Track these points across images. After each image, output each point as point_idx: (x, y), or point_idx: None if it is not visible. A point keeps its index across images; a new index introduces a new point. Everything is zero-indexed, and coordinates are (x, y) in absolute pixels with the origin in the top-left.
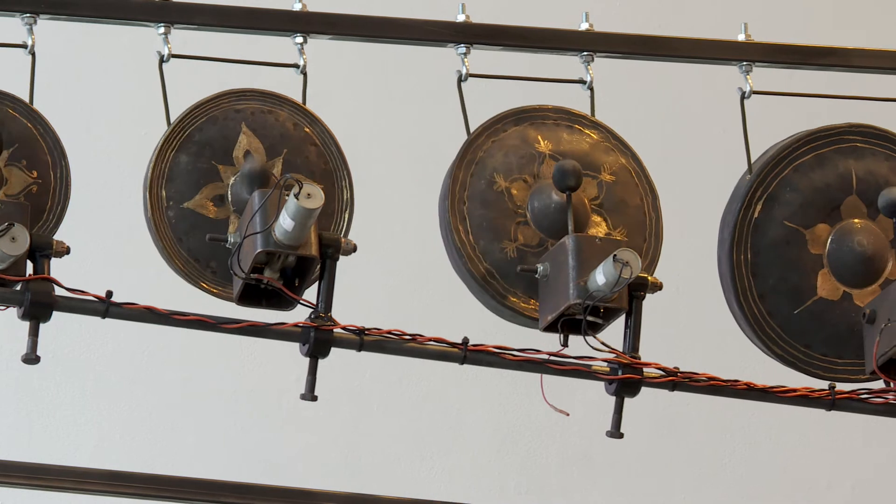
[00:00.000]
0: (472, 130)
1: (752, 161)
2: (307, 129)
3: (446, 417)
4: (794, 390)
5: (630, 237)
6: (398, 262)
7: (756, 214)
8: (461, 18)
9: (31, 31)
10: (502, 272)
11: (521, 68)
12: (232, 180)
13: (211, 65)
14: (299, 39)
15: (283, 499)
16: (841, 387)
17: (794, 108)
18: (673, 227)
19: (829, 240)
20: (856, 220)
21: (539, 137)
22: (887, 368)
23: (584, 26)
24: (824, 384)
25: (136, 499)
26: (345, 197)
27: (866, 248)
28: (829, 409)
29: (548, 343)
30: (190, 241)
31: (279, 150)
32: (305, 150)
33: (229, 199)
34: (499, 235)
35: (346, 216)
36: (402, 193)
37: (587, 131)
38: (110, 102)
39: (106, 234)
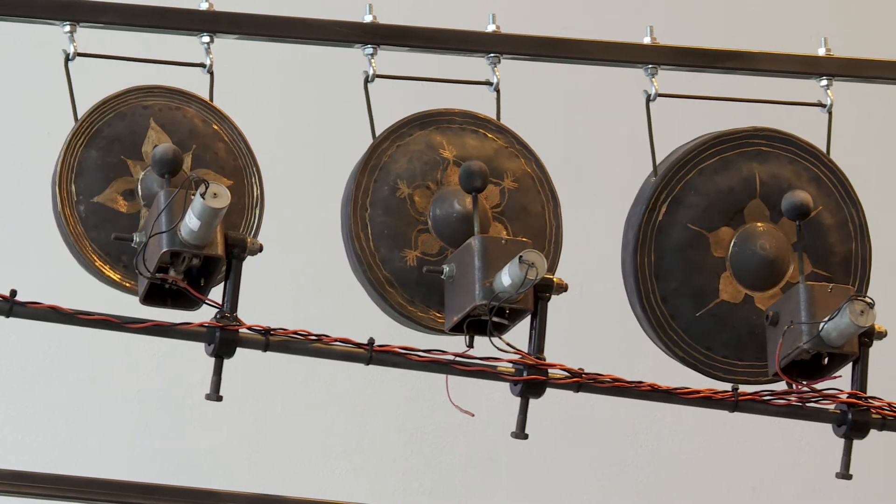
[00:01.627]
0: (377, 133)
1: (657, 164)
2: (216, 126)
3: (351, 418)
4: (698, 392)
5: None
6: (304, 263)
7: (660, 217)
8: (368, 19)
9: None
10: (402, 280)
11: (431, 70)
12: (142, 175)
13: (118, 64)
14: (206, 39)
15: (188, 499)
16: (744, 388)
17: (698, 112)
18: (578, 228)
19: (732, 243)
20: (759, 224)
21: (444, 142)
22: (790, 370)
23: (490, 28)
24: (727, 386)
25: (40, 499)
26: (255, 193)
27: (769, 251)
28: (732, 411)
29: (453, 344)
30: (100, 235)
31: (188, 146)
32: (214, 146)
33: (139, 193)
34: (399, 243)
35: (257, 212)
36: (309, 194)
37: (492, 136)
38: (13, 101)
39: (10, 233)
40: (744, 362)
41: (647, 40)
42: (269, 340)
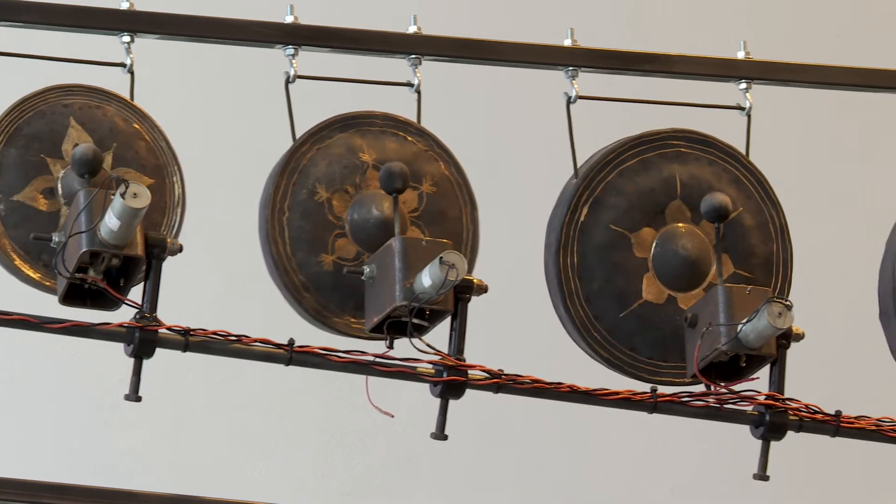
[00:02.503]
0: (298, 135)
1: (579, 165)
2: (136, 125)
3: (271, 419)
4: (617, 393)
5: None
6: (225, 263)
7: (582, 218)
8: (289, 20)
9: None
10: (317, 285)
11: (353, 71)
12: (61, 173)
13: (39, 63)
14: (126, 38)
15: (106, 500)
16: (662, 390)
17: (619, 114)
18: (499, 230)
19: (654, 244)
20: (680, 225)
21: (364, 146)
22: (708, 372)
23: (412, 29)
24: (647, 387)
25: None
26: (176, 193)
27: (690, 252)
28: (651, 412)
29: (373, 345)
30: (20, 233)
31: (108, 145)
32: (135, 144)
33: (59, 192)
34: (316, 248)
35: (178, 212)
36: (230, 194)
37: (412, 139)
38: None
39: None
40: (668, 363)
41: (567, 42)
42: (189, 341)
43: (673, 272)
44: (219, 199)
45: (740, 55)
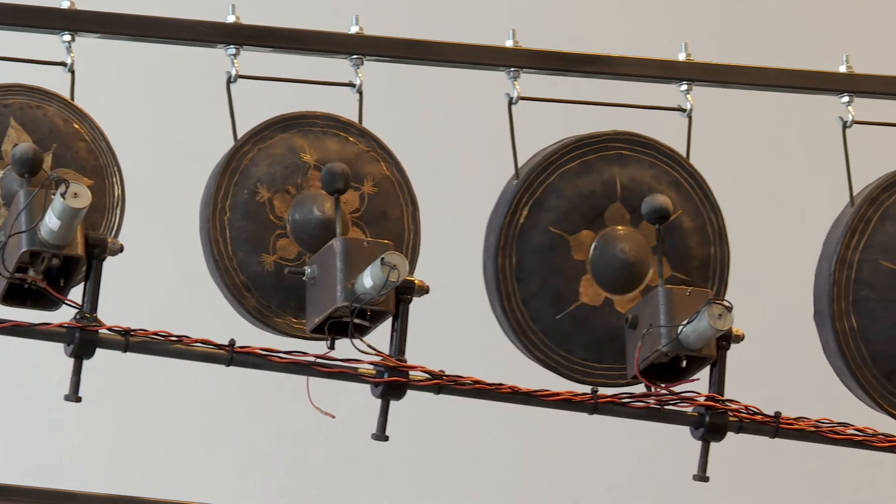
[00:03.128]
0: (239, 135)
1: (519, 167)
2: (76, 125)
3: (212, 419)
4: (558, 394)
5: None
6: (166, 263)
7: (522, 220)
8: (231, 19)
9: None
10: (258, 285)
11: (295, 71)
12: (1, 174)
13: None
14: (67, 37)
15: (45, 500)
16: (603, 391)
17: (560, 115)
18: (439, 231)
19: (593, 246)
20: (619, 227)
21: (305, 146)
22: (648, 373)
23: (354, 29)
24: (587, 388)
25: None
26: (116, 193)
27: (628, 254)
28: (592, 413)
29: (315, 345)
30: None
31: (48, 145)
32: (75, 145)
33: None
34: (257, 248)
35: (118, 213)
36: (171, 194)
37: (353, 140)
38: None
39: None
40: (603, 365)
41: (509, 43)
42: (129, 341)
43: (611, 275)
44: (159, 199)
45: (681, 57)
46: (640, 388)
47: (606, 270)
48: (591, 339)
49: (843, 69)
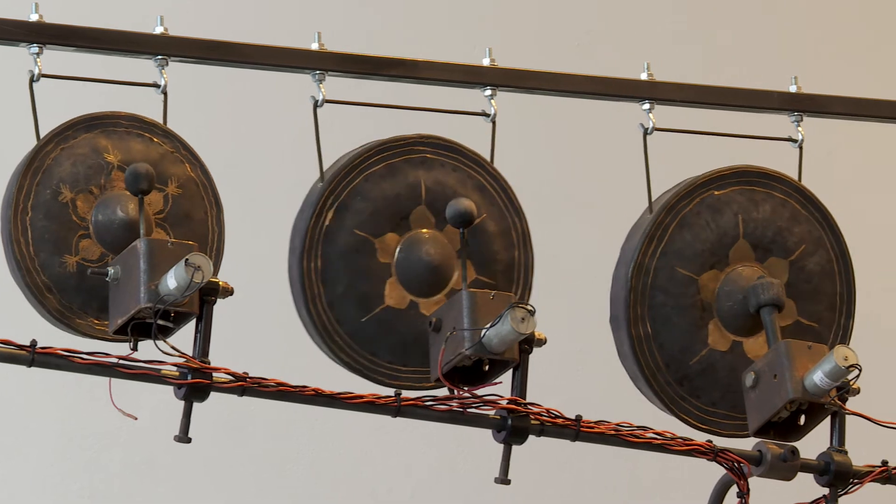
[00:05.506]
0: (42, 135)
1: (325, 169)
2: None
3: (12, 420)
4: (361, 397)
5: None
6: None
7: (327, 222)
8: (34, 18)
9: None
10: (60, 286)
11: (100, 70)
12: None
13: None
14: None
15: None
16: (406, 394)
17: (366, 118)
18: (245, 233)
19: (398, 249)
20: (424, 230)
21: (109, 146)
22: (452, 376)
23: (159, 30)
24: (391, 391)
25: None
26: None
27: (433, 257)
28: (395, 416)
29: (118, 347)
30: None
31: None
32: None
33: None
34: (59, 249)
35: None
36: None
37: (158, 140)
38: None
39: None
40: (409, 367)
41: (314, 46)
42: None
43: (416, 278)
44: None
45: (485, 62)
46: (443, 391)
47: (411, 273)
48: (397, 342)
49: (644, 76)
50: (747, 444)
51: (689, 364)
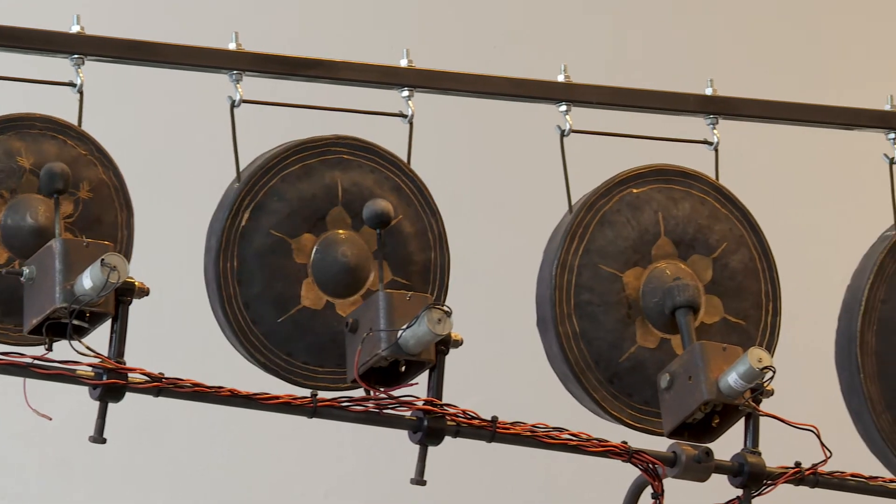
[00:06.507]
0: None
1: (241, 170)
2: None
3: None
4: (277, 397)
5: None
6: None
7: (243, 223)
8: None
9: None
10: None
11: (16, 70)
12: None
13: None
14: None
15: None
16: (323, 395)
17: (283, 119)
18: (162, 233)
19: (314, 250)
20: (340, 231)
21: (22, 149)
22: (368, 377)
23: (75, 29)
24: (307, 392)
25: None
26: None
27: (349, 258)
28: (311, 417)
29: (33, 347)
30: None
31: None
32: None
33: None
34: None
35: None
36: None
37: (72, 143)
38: None
39: None
40: (325, 368)
41: (232, 46)
42: None
43: (332, 278)
44: None
45: (403, 63)
46: (360, 392)
47: (327, 274)
48: (313, 343)
49: (561, 78)
50: (662, 445)
51: (619, 362)
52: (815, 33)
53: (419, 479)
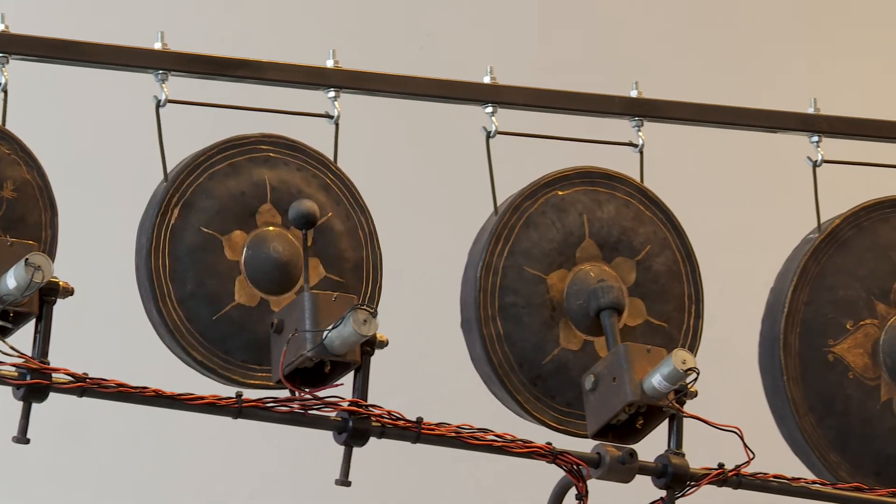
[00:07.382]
0: None
1: (169, 169)
2: None
3: None
4: (202, 398)
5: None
6: None
7: (173, 221)
8: None
9: None
10: None
11: None
12: None
13: None
14: None
15: None
16: (248, 395)
17: (210, 119)
18: (89, 233)
19: (246, 247)
20: (271, 228)
21: None
22: (293, 378)
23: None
24: (232, 392)
25: None
26: None
27: (281, 254)
28: (236, 417)
29: None
30: None
31: None
32: None
33: None
34: None
35: None
36: None
37: None
38: None
39: None
40: (263, 366)
41: (157, 46)
42: None
43: (265, 275)
44: None
45: (329, 64)
46: (285, 393)
47: (260, 271)
48: (250, 341)
49: (486, 80)
50: (586, 446)
51: (542, 364)
52: (739, 35)
53: (344, 480)
